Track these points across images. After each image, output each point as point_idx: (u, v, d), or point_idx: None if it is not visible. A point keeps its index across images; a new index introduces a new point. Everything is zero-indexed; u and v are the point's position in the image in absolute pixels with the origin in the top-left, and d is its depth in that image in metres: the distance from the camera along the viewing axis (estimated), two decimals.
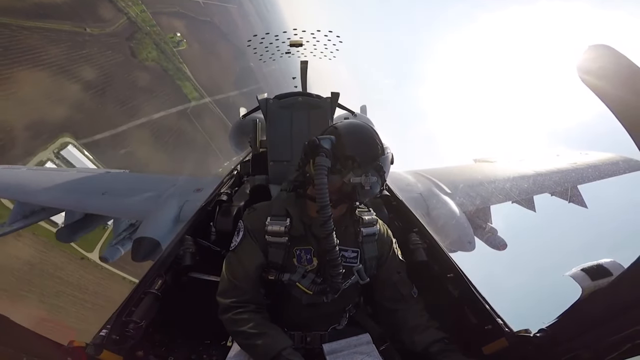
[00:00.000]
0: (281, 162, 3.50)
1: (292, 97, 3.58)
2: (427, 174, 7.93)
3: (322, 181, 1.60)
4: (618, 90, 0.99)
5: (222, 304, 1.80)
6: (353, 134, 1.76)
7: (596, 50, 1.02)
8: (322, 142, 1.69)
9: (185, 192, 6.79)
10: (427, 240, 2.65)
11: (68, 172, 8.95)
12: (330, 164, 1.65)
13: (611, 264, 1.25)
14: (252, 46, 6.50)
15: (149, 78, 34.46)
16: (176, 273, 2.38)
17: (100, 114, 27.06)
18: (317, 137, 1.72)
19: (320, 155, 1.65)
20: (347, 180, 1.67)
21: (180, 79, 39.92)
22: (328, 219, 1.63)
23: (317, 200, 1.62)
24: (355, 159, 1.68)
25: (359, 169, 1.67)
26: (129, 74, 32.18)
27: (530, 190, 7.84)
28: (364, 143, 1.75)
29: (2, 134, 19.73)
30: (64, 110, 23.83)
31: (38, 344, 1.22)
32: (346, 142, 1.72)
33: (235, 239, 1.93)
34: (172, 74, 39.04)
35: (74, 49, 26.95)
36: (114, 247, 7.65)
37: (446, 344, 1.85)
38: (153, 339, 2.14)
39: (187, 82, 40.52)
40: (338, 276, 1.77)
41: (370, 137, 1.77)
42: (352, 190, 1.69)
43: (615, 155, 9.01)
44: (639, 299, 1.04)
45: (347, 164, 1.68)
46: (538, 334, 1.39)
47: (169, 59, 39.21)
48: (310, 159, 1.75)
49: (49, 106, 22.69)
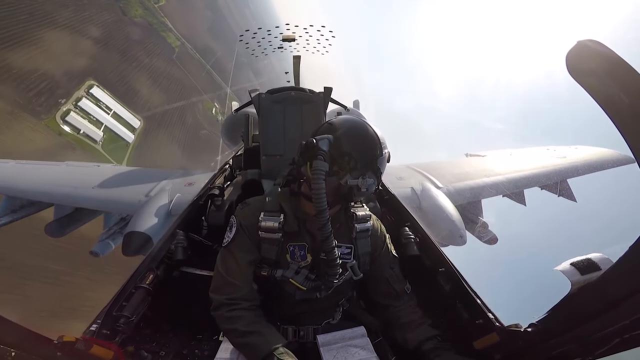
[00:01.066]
0: (274, 156, 3.49)
1: (285, 92, 3.57)
2: (419, 168, 7.96)
3: (320, 186, 1.57)
4: (607, 85, 0.99)
5: (215, 301, 1.77)
6: (351, 134, 1.71)
7: (585, 46, 1.03)
8: (319, 144, 1.64)
9: (177, 186, 6.74)
10: (419, 235, 2.65)
11: (58, 165, 8.81)
12: (327, 168, 1.61)
13: (600, 259, 1.26)
14: (244, 41, 6.45)
15: (140, 32, 40.19)
16: (168, 267, 2.37)
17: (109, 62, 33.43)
18: (314, 138, 1.67)
19: (318, 158, 1.60)
20: (343, 182, 1.65)
21: (164, 30, 45.80)
22: (326, 223, 1.61)
23: (315, 205, 1.58)
24: (353, 161, 1.65)
25: (356, 170, 1.65)
26: (123, 29, 37.83)
27: (520, 184, 7.90)
28: (363, 144, 1.70)
29: (49, 79, 26.52)
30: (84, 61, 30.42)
31: (27, 338, 1.20)
32: (344, 143, 1.67)
33: (228, 234, 1.89)
34: (156, 27, 44.69)
35: (78, 12, 32.36)
36: (105, 241, 7.57)
37: (439, 342, 1.84)
38: (144, 333, 2.12)
39: (170, 33, 46.66)
40: (334, 275, 1.76)
41: (369, 136, 1.71)
42: (349, 191, 1.67)
43: (605, 149, 9.12)
44: (627, 293, 1.04)
45: (344, 166, 1.65)
46: (528, 329, 1.40)
47: (153, 14, 44.58)
48: (307, 161, 1.70)
49: (73, 58, 29.22)
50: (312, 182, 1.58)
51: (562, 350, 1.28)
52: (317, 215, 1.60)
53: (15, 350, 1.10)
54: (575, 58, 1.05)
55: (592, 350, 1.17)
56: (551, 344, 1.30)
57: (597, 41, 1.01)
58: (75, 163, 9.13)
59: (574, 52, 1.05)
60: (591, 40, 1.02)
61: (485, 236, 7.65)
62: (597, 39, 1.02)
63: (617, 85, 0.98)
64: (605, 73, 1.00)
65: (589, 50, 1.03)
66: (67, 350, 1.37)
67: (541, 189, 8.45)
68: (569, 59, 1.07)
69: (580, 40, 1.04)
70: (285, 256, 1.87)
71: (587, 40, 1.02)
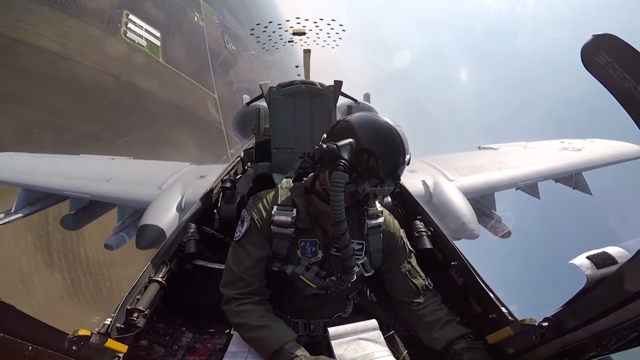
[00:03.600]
0: (284, 149, 3.50)
1: (295, 85, 3.57)
2: (431, 161, 7.92)
3: (339, 198, 1.50)
4: (623, 78, 0.98)
5: (226, 295, 1.75)
6: (375, 139, 1.59)
7: (600, 39, 1.02)
8: (341, 152, 1.55)
9: (189, 179, 6.82)
10: (431, 228, 2.63)
11: (73, 158, 8.97)
12: (348, 179, 1.53)
13: (617, 252, 1.23)
14: (255, 35, 6.44)
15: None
16: (180, 261, 2.39)
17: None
18: (336, 145, 1.57)
19: (339, 169, 1.52)
20: (361, 189, 1.59)
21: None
22: (344, 232, 1.57)
23: (333, 216, 1.53)
24: (374, 169, 1.57)
25: (375, 179, 1.58)
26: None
27: (534, 176, 7.79)
28: (387, 151, 1.59)
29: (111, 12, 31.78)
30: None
31: (42, 333, 1.22)
32: (366, 148, 1.57)
33: (240, 229, 1.85)
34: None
35: None
36: (119, 234, 7.69)
37: (472, 341, 1.73)
38: (157, 327, 2.15)
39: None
40: (349, 281, 1.73)
41: (394, 142, 1.59)
42: (364, 198, 1.62)
43: (622, 143, 8.95)
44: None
45: (363, 174, 1.58)
46: (543, 323, 1.38)
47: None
48: (327, 170, 1.63)
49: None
50: (331, 194, 1.52)
51: (577, 345, 1.26)
52: (335, 226, 1.56)
53: (31, 345, 1.13)
54: (591, 51, 1.04)
55: (608, 344, 1.16)
56: (566, 339, 1.28)
57: (612, 35, 1.00)
58: (90, 156, 9.24)
59: (590, 45, 1.04)
60: (607, 34, 1.01)
61: (499, 230, 7.59)
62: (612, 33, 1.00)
63: (633, 78, 0.97)
64: (621, 66, 0.99)
65: (605, 43, 1.01)
66: (82, 344, 1.39)
67: (555, 182, 8.33)
68: (584, 53, 1.05)
69: (595, 34, 1.02)
70: (296, 252, 1.84)
71: (603, 34, 1.01)
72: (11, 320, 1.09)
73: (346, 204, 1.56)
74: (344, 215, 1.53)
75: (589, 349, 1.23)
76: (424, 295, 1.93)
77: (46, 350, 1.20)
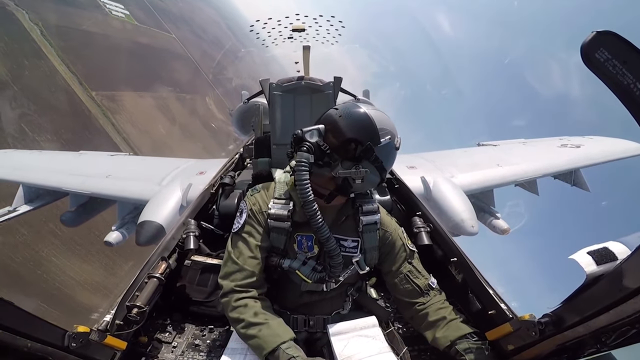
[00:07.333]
0: (284, 145, 3.49)
1: (295, 82, 3.57)
2: (430, 157, 7.92)
3: (302, 177, 1.54)
4: (623, 75, 0.98)
5: (225, 287, 1.73)
6: (344, 122, 1.60)
7: (601, 36, 1.01)
8: (306, 135, 1.61)
9: (188, 175, 6.81)
10: (430, 224, 2.63)
11: (72, 154, 8.96)
12: (312, 159, 1.56)
13: (617, 248, 1.23)
14: (255, 31, 6.42)
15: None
16: (180, 257, 2.39)
17: None
18: (301, 129, 1.63)
19: (302, 150, 1.57)
20: (334, 173, 1.59)
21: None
22: (314, 214, 1.59)
23: (300, 196, 1.57)
24: (343, 151, 1.59)
25: (347, 161, 1.58)
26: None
27: (533, 173, 7.79)
28: (355, 131, 1.59)
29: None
30: None
31: (42, 329, 1.22)
32: (336, 131, 1.60)
33: (239, 220, 1.84)
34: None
35: None
36: (118, 231, 7.68)
37: (475, 340, 1.71)
38: (156, 323, 2.15)
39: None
40: (338, 266, 1.73)
41: (363, 122, 1.60)
42: (343, 183, 1.62)
43: (621, 140, 8.95)
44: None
45: (335, 157, 1.60)
46: (542, 320, 1.38)
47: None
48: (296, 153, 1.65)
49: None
50: (295, 174, 1.56)
51: (576, 341, 1.26)
52: (304, 206, 1.59)
53: (30, 341, 1.13)
54: (591, 48, 1.04)
55: (607, 341, 1.16)
56: (565, 335, 1.28)
57: (612, 32, 1.00)
58: (90, 152, 9.23)
59: (590, 42, 1.03)
60: (607, 30, 1.00)
61: (498, 226, 7.59)
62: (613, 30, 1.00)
63: (633, 75, 0.97)
64: (621, 63, 0.98)
65: (605, 40, 1.01)
66: (81, 341, 1.39)
67: (554, 179, 8.35)
68: (584, 49, 1.05)
69: (596, 31, 1.02)
70: (293, 245, 1.83)
71: (603, 30, 1.01)
72: (10, 316, 1.09)
73: (328, 191, 1.65)
74: (311, 196, 1.56)
75: (588, 346, 1.23)
76: (427, 294, 1.90)
77: (46, 347, 1.20)
